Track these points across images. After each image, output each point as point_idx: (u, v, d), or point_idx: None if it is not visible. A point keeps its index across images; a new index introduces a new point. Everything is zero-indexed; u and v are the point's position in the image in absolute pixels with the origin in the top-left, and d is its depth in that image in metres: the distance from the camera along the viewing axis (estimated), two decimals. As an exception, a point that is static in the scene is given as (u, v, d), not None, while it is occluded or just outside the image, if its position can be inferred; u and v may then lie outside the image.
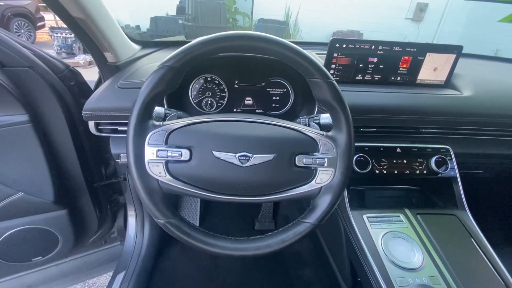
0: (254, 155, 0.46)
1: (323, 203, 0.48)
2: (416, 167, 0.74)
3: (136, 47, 0.89)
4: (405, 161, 0.74)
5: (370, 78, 0.81)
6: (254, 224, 1.30)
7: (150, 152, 0.45)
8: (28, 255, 0.92)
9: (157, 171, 0.45)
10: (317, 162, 0.47)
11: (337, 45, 0.76)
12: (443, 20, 6.25)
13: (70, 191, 0.89)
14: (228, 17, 5.13)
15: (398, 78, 0.82)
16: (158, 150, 0.45)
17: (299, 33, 5.88)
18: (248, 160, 0.46)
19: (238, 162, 0.46)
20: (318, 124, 0.60)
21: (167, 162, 0.46)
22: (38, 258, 0.94)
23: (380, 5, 5.95)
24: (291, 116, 0.84)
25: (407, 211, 0.71)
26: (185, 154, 0.46)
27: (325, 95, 0.47)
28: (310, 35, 6.01)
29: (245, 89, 0.81)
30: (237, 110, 0.83)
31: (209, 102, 0.81)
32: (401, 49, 0.78)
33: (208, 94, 0.80)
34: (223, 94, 0.81)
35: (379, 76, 0.81)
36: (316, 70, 0.45)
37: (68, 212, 0.88)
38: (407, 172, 0.74)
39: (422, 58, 0.79)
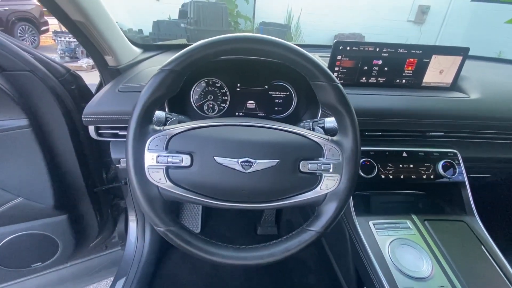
0: (257, 161, 0.44)
1: (329, 210, 0.46)
2: (423, 172, 0.72)
3: (137, 50, 0.88)
4: (411, 166, 0.72)
5: (375, 81, 0.80)
6: (257, 229, 1.28)
7: (150, 158, 0.44)
8: (27, 261, 0.91)
9: (157, 177, 0.44)
10: (322, 167, 0.46)
11: (340, 48, 0.74)
12: (445, 22, 6.24)
13: (71, 196, 0.88)
14: (230, 20, 5.15)
15: (403, 81, 0.81)
16: (158, 156, 0.44)
17: (300, 36, 5.89)
18: (251, 166, 0.44)
19: (240, 168, 0.44)
20: (323, 128, 0.59)
21: (167, 168, 0.45)
22: (38, 264, 0.93)
23: (382, 7, 5.95)
24: (294, 119, 0.82)
25: (414, 217, 0.69)
26: (186, 159, 0.44)
27: (330, 98, 0.45)
28: (311, 38, 6.01)
29: (247, 92, 0.80)
30: (239, 114, 0.82)
31: (211, 105, 0.80)
32: (406, 51, 0.76)
33: (210, 97, 0.79)
34: (225, 98, 0.80)
35: (384, 79, 0.80)
36: (320, 73, 0.44)
37: (68, 217, 0.87)
38: (414, 177, 0.72)
39: (428, 60, 0.78)
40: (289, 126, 0.49)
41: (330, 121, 0.58)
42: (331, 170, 0.46)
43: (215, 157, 0.44)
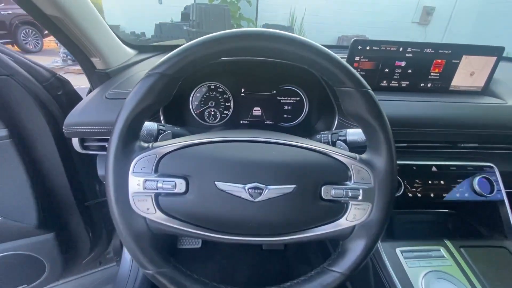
0: (269, 187, 0.36)
1: (357, 247, 0.37)
2: (455, 189, 0.63)
3: (131, 52, 0.80)
4: (442, 182, 0.63)
5: (397, 85, 0.71)
6: (262, 244, 1.18)
7: (135, 183, 0.35)
8: (11, 284, 0.83)
9: (144, 207, 0.36)
10: (350, 194, 0.37)
11: (359, 47, 0.66)
12: (450, 23, 6.14)
13: (58, 212, 0.80)
14: (232, 23, 5.10)
15: (429, 85, 0.72)
16: (145, 180, 0.35)
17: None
18: (260, 194, 0.36)
19: (248, 196, 0.36)
20: (344, 141, 0.50)
21: (157, 196, 0.36)
22: (23, 286, 0.84)
23: (386, 9, 5.87)
24: (305, 128, 0.74)
25: (447, 243, 0.59)
26: (180, 185, 0.36)
27: (359, 108, 0.37)
28: (314, 40, 5.92)
29: (253, 98, 0.72)
30: (244, 122, 0.74)
31: (212, 113, 0.72)
32: (433, 51, 0.67)
33: (211, 104, 0.71)
34: (228, 104, 0.72)
35: (407, 83, 0.71)
36: (348, 77, 0.36)
37: (55, 235, 0.79)
38: (445, 195, 0.62)
39: (458, 61, 0.69)
40: (306, 141, 0.40)
41: (354, 133, 0.49)
42: (360, 197, 0.37)
43: (216, 182, 0.36)
